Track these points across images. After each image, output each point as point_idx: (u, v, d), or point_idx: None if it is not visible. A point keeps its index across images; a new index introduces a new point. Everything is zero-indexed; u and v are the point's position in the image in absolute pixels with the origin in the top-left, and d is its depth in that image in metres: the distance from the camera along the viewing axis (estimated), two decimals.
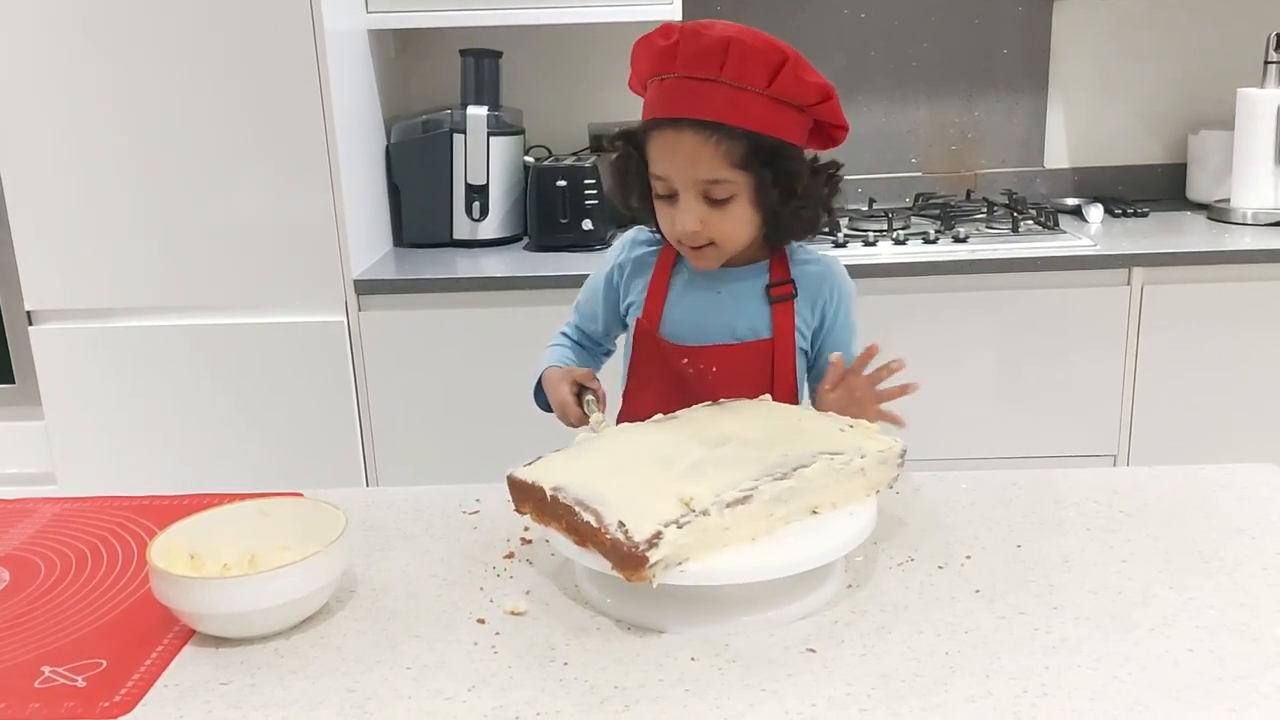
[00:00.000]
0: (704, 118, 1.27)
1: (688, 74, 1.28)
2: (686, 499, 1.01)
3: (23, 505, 1.34)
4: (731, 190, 1.31)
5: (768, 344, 1.40)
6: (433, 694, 0.93)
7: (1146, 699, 0.89)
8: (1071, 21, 2.81)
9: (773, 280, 1.41)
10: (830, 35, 2.79)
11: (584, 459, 1.12)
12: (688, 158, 1.29)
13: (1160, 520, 1.21)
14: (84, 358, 2.35)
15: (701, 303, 1.41)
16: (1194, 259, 2.33)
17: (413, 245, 2.61)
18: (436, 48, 2.77)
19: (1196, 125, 2.79)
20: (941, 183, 2.88)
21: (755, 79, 1.27)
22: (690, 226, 1.31)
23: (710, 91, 1.27)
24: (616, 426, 1.25)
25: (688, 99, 1.28)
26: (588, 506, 1.01)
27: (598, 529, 0.99)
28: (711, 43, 1.26)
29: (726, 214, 1.32)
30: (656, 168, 1.33)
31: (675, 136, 1.29)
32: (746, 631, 1.01)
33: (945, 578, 1.10)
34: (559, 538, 1.06)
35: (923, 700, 0.90)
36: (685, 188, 1.31)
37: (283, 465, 2.37)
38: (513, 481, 1.12)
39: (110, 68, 2.22)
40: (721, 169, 1.29)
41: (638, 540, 0.96)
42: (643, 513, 0.99)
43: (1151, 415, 2.38)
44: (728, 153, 1.28)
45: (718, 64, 1.27)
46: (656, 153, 1.32)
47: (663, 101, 1.30)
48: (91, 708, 0.93)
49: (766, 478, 1.05)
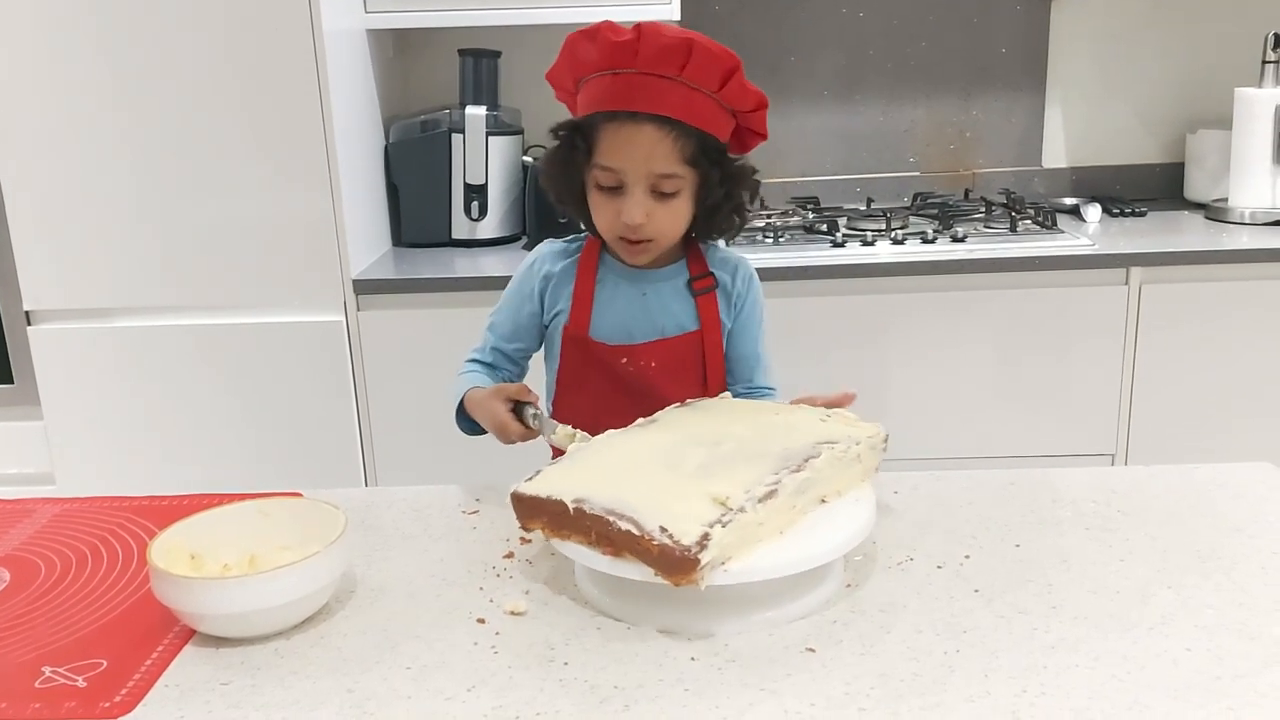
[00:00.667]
0: (665, 114, 1.31)
1: (649, 70, 1.30)
2: (721, 498, 1.01)
3: (23, 505, 1.34)
4: (679, 185, 1.35)
5: (696, 335, 1.45)
6: (432, 694, 0.94)
7: (1145, 698, 0.89)
8: (1069, 21, 2.81)
9: (693, 274, 1.46)
10: (829, 34, 2.79)
11: (588, 469, 1.10)
12: (644, 151, 1.32)
13: (1158, 519, 1.21)
14: (83, 358, 2.35)
15: (628, 305, 1.45)
16: (1192, 258, 2.33)
17: (411, 245, 2.62)
18: (435, 47, 2.77)
19: (1194, 125, 2.79)
20: (939, 182, 2.89)
21: (710, 81, 1.32)
22: (638, 219, 1.34)
23: (670, 89, 1.31)
24: (604, 434, 1.21)
25: (649, 94, 1.31)
26: (622, 515, 1.00)
27: (640, 536, 0.97)
28: (675, 42, 1.30)
29: (669, 209, 1.36)
30: (608, 159, 1.34)
31: (634, 129, 1.32)
32: (746, 631, 1.01)
33: (944, 577, 1.10)
34: (582, 550, 1.03)
35: (922, 700, 0.90)
36: (636, 180, 1.34)
37: (281, 465, 2.37)
38: (520, 499, 1.09)
39: (109, 67, 2.22)
40: (675, 164, 1.33)
41: (688, 544, 0.96)
42: (679, 515, 0.99)
43: (1149, 414, 2.39)
44: (682, 149, 1.33)
45: (679, 64, 1.30)
46: (610, 144, 1.34)
47: (619, 95, 1.32)
48: (92, 708, 0.93)
49: (784, 471, 1.06)
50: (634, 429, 1.20)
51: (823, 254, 2.37)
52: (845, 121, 2.84)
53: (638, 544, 0.98)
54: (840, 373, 2.35)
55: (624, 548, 0.99)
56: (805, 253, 2.38)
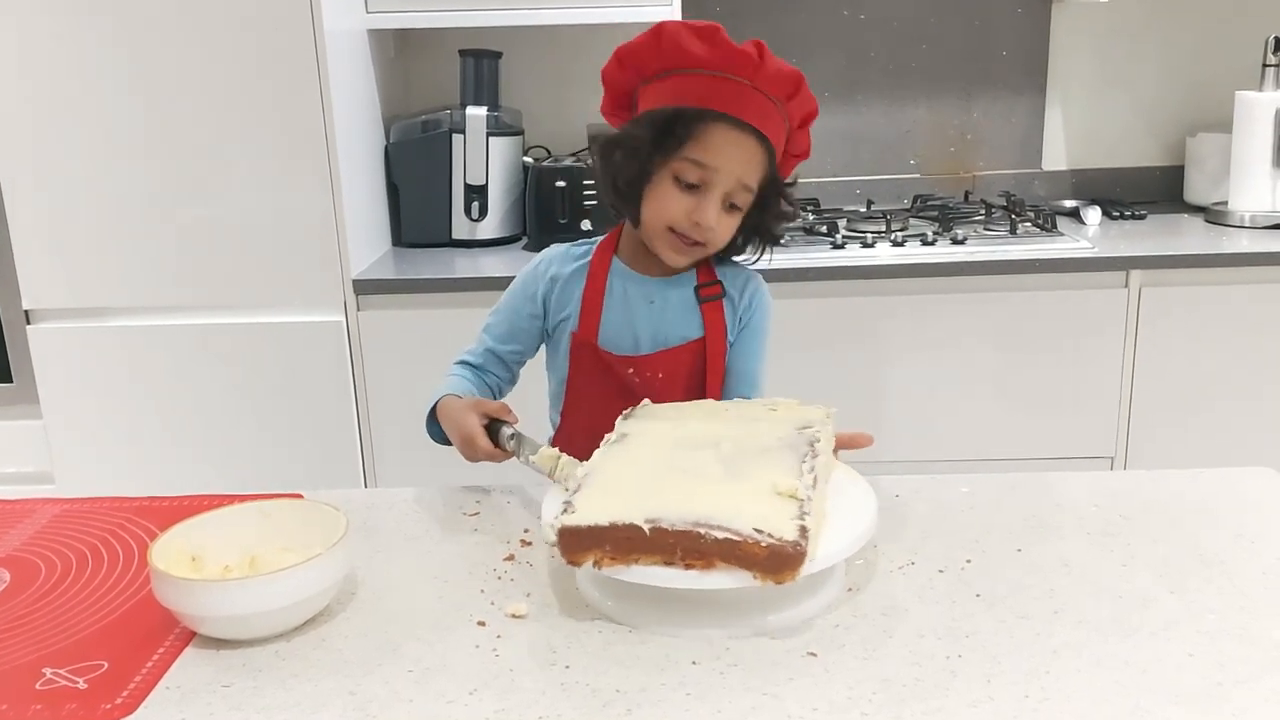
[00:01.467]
0: (767, 133, 1.35)
1: (764, 88, 1.34)
2: (789, 491, 1.03)
3: (23, 506, 1.34)
4: (748, 201, 1.39)
5: (700, 343, 1.45)
6: (434, 697, 0.94)
7: (1147, 703, 0.89)
8: (1070, 23, 2.81)
9: (701, 282, 1.46)
10: (829, 35, 2.79)
11: (622, 490, 1.06)
12: (744, 158, 1.35)
13: (1159, 524, 1.21)
14: (82, 357, 2.35)
15: (636, 313, 1.45)
16: (1192, 262, 2.34)
17: (411, 245, 2.61)
18: (436, 48, 2.76)
19: (1194, 128, 2.79)
20: (940, 184, 2.89)
21: (797, 118, 1.39)
22: (713, 220, 1.36)
23: (774, 112, 1.36)
24: (595, 455, 1.17)
25: (761, 109, 1.34)
26: (711, 525, 0.99)
27: (742, 541, 0.97)
28: (791, 73, 1.35)
29: (731, 221, 1.40)
30: (706, 155, 1.34)
31: (742, 136, 1.34)
32: (747, 635, 1.01)
33: (946, 581, 1.10)
34: (655, 571, 1.00)
35: (924, 704, 0.90)
36: (722, 184, 1.36)
37: (281, 465, 2.37)
38: (575, 532, 1.01)
39: (109, 67, 2.22)
40: (757, 179, 1.38)
41: (794, 539, 0.97)
42: (764, 515, 1.00)
43: (1149, 417, 2.39)
44: (766, 164, 1.38)
45: (789, 93, 1.36)
46: (714, 142, 1.34)
47: (735, 100, 1.33)
48: (93, 710, 0.93)
49: (807, 457, 1.09)
50: (617, 445, 1.18)
51: (822, 255, 2.37)
52: (846, 123, 2.84)
53: (738, 550, 0.97)
54: (839, 375, 2.35)
55: (719, 557, 0.98)
56: (805, 254, 2.38)
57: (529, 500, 1.32)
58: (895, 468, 1.36)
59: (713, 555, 0.99)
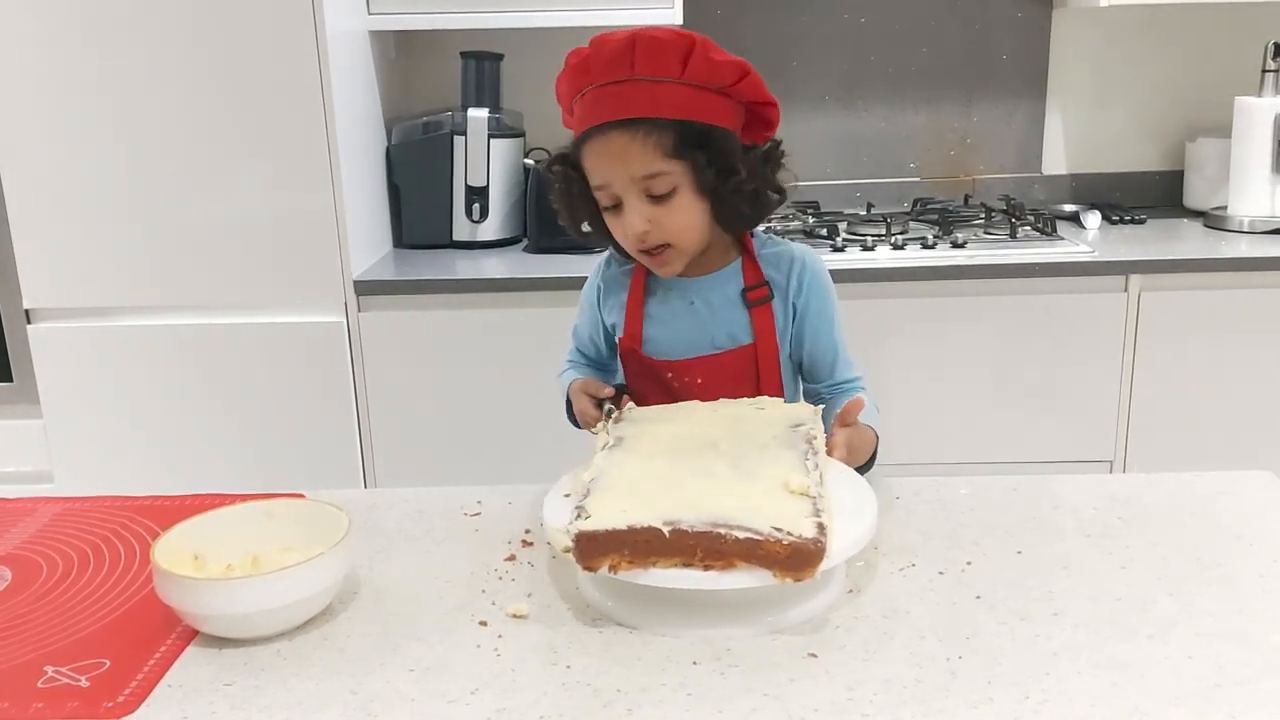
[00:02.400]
0: (626, 116, 1.28)
1: (603, 80, 1.29)
2: (800, 488, 1.04)
3: (24, 505, 1.34)
4: (671, 182, 1.31)
5: (750, 349, 1.40)
6: (435, 696, 0.94)
7: (1146, 705, 0.89)
8: (1070, 28, 2.82)
9: (747, 284, 1.41)
10: (830, 39, 2.79)
11: (634, 494, 1.06)
12: (619, 157, 1.30)
13: (1158, 527, 1.21)
14: (82, 357, 2.35)
15: (678, 315, 1.42)
16: (1191, 266, 2.34)
17: (412, 246, 2.62)
18: (437, 49, 2.77)
19: (1194, 133, 2.79)
20: (939, 188, 2.89)
21: (668, 68, 1.29)
22: (639, 227, 1.31)
23: (628, 90, 1.28)
24: (599, 457, 1.17)
25: (608, 103, 1.29)
26: (731, 525, 0.99)
27: (763, 540, 0.98)
28: (618, 45, 1.28)
29: (672, 208, 1.32)
30: (595, 178, 1.33)
31: (604, 140, 1.30)
32: (748, 636, 1.02)
33: (946, 583, 1.11)
34: (673, 574, 1.00)
35: (925, 706, 0.90)
36: (625, 189, 1.31)
37: (281, 466, 2.37)
38: (593, 537, 1.01)
39: (111, 67, 2.22)
40: (655, 161, 1.29)
41: (813, 536, 0.98)
42: (780, 514, 1.00)
43: (1148, 422, 2.39)
44: (658, 144, 1.29)
45: (628, 63, 1.28)
46: (592, 163, 1.32)
47: (586, 113, 1.31)
48: (95, 708, 0.93)
49: (809, 454, 1.10)
50: (616, 451, 1.17)
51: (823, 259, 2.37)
52: (846, 126, 2.85)
53: (760, 549, 0.98)
54: None
55: (740, 557, 0.99)
56: None
57: (530, 501, 1.32)
58: (895, 471, 1.36)
59: (733, 555, 0.99)
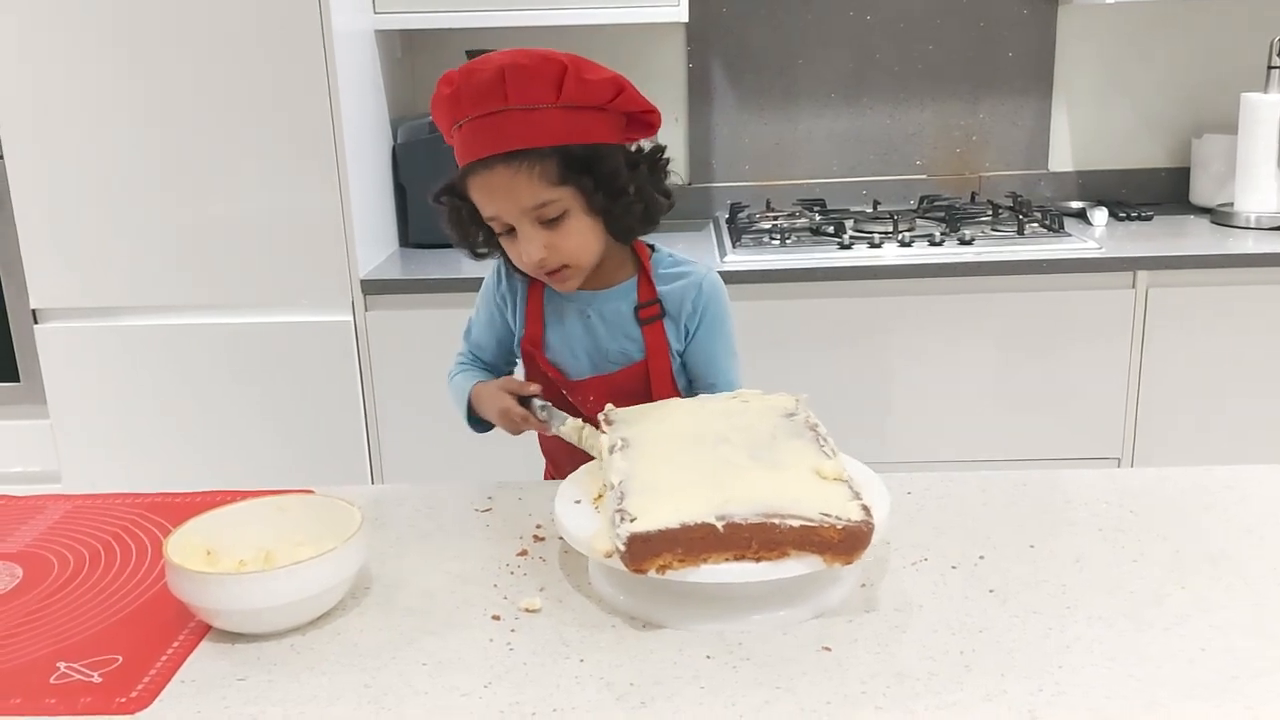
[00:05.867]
0: (505, 149, 1.26)
1: (477, 113, 1.26)
2: (833, 474, 1.05)
3: (34, 502, 1.34)
4: (561, 208, 1.31)
5: (641, 366, 1.42)
6: (449, 689, 0.94)
7: (1161, 697, 0.89)
8: (1076, 25, 2.81)
9: (641, 301, 1.42)
10: (835, 37, 2.79)
11: (671, 492, 1.05)
12: (505, 191, 1.29)
13: (1169, 521, 1.21)
14: (90, 356, 2.35)
15: (574, 328, 1.43)
16: (1199, 262, 2.34)
17: (418, 245, 2.62)
18: (442, 49, 2.77)
19: (1200, 129, 2.79)
20: (946, 185, 2.89)
21: (542, 95, 1.27)
22: (536, 256, 1.32)
23: (503, 122, 1.26)
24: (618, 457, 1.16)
25: (486, 136, 1.27)
26: (783, 514, 1.00)
27: (817, 526, 0.99)
28: (488, 76, 1.26)
29: (566, 232, 1.32)
30: (484, 210, 1.33)
31: (488, 175, 1.28)
32: (760, 629, 1.01)
33: (959, 577, 1.10)
34: (726, 569, 0.99)
35: (938, 699, 0.90)
36: (517, 220, 1.31)
37: (288, 464, 2.37)
38: (647, 539, 0.99)
39: (118, 66, 2.23)
40: (542, 191, 1.29)
41: (861, 518, 0.99)
42: (825, 500, 1.02)
43: (1156, 418, 2.39)
44: (542, 174, 1.28)
45: (500, 95, 1.26)
46: (478, 196, 1.32)
47: (466, 146, 1.29)
48: (108, 703, 0.93)
49: (820, 440, 1.11)
50: (628, 450, 1.16)
51: (830, 256, 2.38)
52: (852, 124, 2.84)
53: (815, 535, 0.99)
54: (846, 374, 2.36)
55: (793, 545, 0.99)
56: (812, 254, 2.38)
57: (541, 497, 1.32)
58: (902, 467, 1.36)
59: (787, 544, 1.00)
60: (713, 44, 2.74)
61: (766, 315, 2.34)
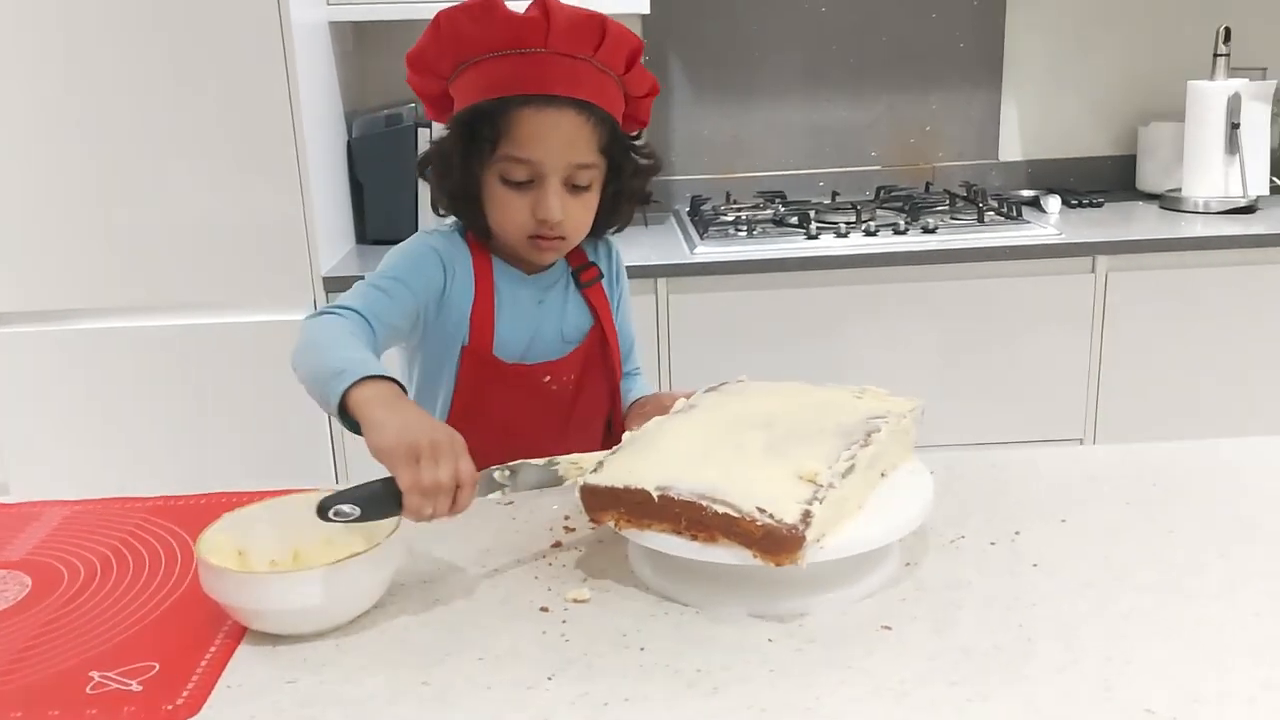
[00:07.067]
0: (582, 97, 1.21)
1: (562, 50, 1.20)
2: (810, 475, 1.00)
3: (30, 509, 1.28)
4: (592, 177, 1.26)
5: (597, 330, 1.38)
6: (513, 683, 0.91)
7: (1228, 660, 0.90)
8: (1025, 15, 2.85)
9: (575, 266, 1.38)
10: (791, 29, 2.80)
11: (656, 457, 1.06)
12: (566, 139, 1.22)
13: (1195, 493, 1.23)
14: (42, 362, 2.26)
15: (530, 316, 1.35)
16: (1155, 246, 2.39)
17: (376, 242, 2.56)
18: (393, 40, 2.71)
19: (1146, 117, 2.85)
20: (900, 176, 2.91)
21: (618, 64, 1.25)
22: (558, 214, 1.24)
23: (585, 71, 1.21)
24: (652, 421, 1.16)
25: (566, 76, 1.20)
26: (715, 499, 0.97)
27: (740, 518, 0.96)
28: (588, 18, 1.20)
29: (582, 202, 1.27)
30: (523, 149, 1.22)
31: (556, 115, 1.21)
32: (815, 611, 1.00)
33: (1000, 553, 1.11)
34: (666, 539, 1.00)
35: (1010, 672, 0.90)
36: (553, 172, 1.23)
37: (254, 466, 2.31)
38: (594, 491, 1.05)
39: (71, 62, 2.14)
40: (590, 153, 1.24)
41: (792, 522, 0.95)
42: (774, 496, 0.97)
43: (1117, 399, 2.44)
44: (598, 137, 1.24)
45: (594, 43, 1.21)
46: (527, 132, 1.21)
47: (533, 77, 1.20)
48: (155, 711, 0.89)
49: (854, 445, 1.05)
50: (678, 416, 1.17)
51: (798, 246, 2.38)
52: (809, 117, 2.85)
53: (737, 526, 0.96)
54: (813, 364, 2.36)
55: (719, 531, 0.97)
56: (778, 245, 2.38)
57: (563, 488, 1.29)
58: None
59: (713, 528, 0.98)
60: (671, 36, 2.74)
61: (739, 306, 2.34)
